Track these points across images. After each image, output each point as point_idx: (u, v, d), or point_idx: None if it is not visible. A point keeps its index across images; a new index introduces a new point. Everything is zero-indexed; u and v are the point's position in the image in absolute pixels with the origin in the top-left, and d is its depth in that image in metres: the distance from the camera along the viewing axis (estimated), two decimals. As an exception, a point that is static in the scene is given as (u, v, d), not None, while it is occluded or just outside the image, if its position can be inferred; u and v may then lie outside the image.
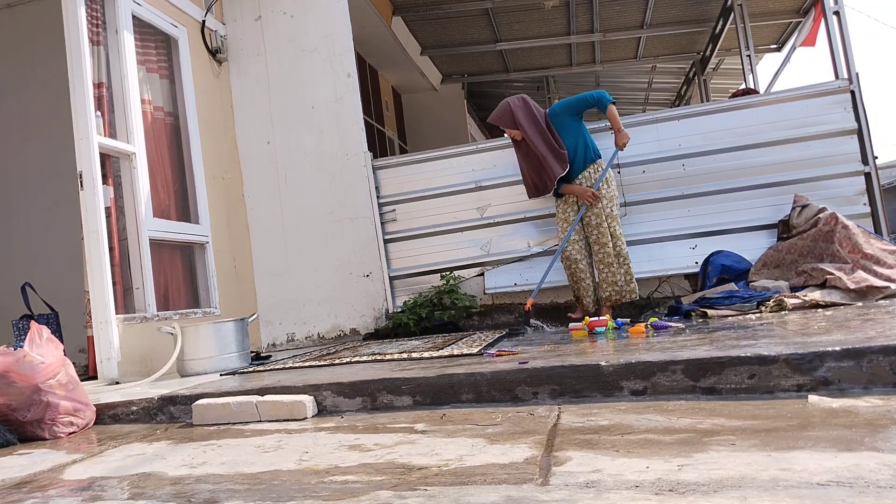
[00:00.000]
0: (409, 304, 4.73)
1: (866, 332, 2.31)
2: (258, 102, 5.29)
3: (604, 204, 4.07)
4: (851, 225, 3.89)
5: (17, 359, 2.49)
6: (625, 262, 4.09)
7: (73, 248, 4.62)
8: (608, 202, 4.08)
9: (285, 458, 1.85)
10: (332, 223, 5.08)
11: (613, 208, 4.10)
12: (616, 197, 4.16)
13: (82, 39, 3.77)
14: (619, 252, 4.08)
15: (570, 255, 4.15)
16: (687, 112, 4.67)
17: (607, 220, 4.07)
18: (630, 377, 2.19)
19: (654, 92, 11.07)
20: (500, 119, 4.20)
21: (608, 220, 4.07)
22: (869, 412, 1.70)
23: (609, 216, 4.08)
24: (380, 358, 3.13)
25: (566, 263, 4.18)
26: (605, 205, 4.07)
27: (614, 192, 4.15)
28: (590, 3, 7.28)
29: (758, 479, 1.28)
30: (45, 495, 1.71)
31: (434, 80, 9.39)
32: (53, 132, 5.35)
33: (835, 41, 4.61)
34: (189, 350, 3.57)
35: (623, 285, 4.09)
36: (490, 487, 1.41)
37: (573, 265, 4.15)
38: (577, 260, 4.14)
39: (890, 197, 12.88)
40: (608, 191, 4.11)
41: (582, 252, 4.15)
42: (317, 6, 5.23)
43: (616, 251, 4.07)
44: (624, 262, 4.09)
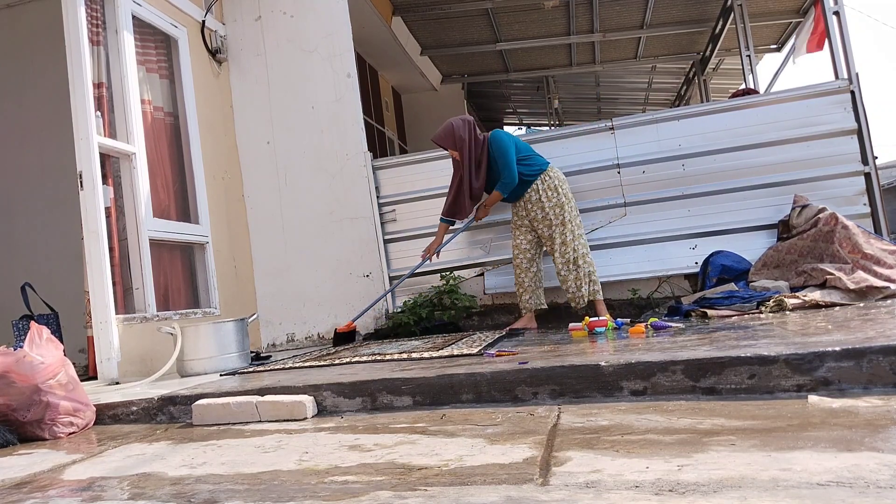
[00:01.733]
0: (409, 305, 4.73)
1: (866, 332, 2.31)
2: (258, 102, 5.29)
3: (555, 213, 4.08)
4: (851, 225, 3.89)
5: (17, 359, 2.49)
6: (574, 269, 4.09)
7: (73, 248, 4.62)
8: (558, 210, 4.08)
9: (285, 459, 1.85)
10: (332, 223, 5.08)
11: (564, 215, 4.08)
12: (565, 202, 4.10)
13: (82, 39, 3.77)
14: (568, 260, 4.08)
15: (518, 263, 4.26)
16: (687, 112, 4.67)
17: (556, 230, 4.08)
18: (630, 377, 2.19)
19: (654, 92, 11.07)
20: (443, 140, 4.23)
21: (557, 229, 4.08)
22: (869, 412, 1.70)
23: (559, 224, 4.08)
24: (380, 358, 3.13)
25: (515, 272, 4.30)
26: (556, 213, 4.08)
27: (562, 198, 4.10)
28: (590, 3, 7.28)
29: (758, 479, 1.28)
30: (46, 495, 1.71)
31: (434, 80, 9.39)
32: (53, 132, 5.35)
33: (835, 41, 4.61)
34: (189, 350, 3.57)
35: (575, 291, 4.10)
36: (490, 487, 1.41)
37: (519, 274, 4.26)
38: (524, 268, 4.23)
39: (890, 197, 12.89)
40: (557, 198, 4.09)
41: (525, 256, 4.22)
42: (317, 6, 5.23)
43: (564, 260, 4.08)
44: (574, 269, 4.09)
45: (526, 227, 4.22)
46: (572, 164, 4.65)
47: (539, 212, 4.12)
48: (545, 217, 4.10)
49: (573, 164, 4.66)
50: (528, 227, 4.21)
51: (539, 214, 4.12)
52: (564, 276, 4.12)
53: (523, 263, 4.23)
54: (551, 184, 4.13)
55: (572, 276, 4.10)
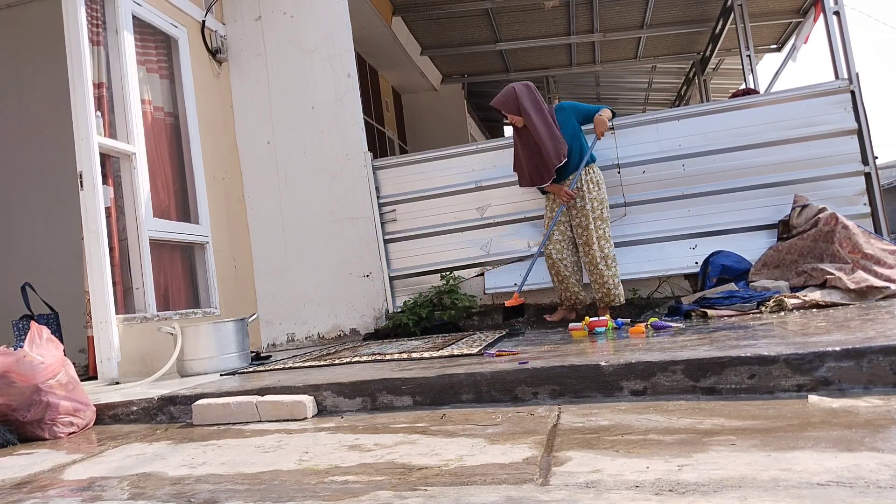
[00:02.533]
0: (409, 305, 4.73)
1: (866, 332, 2.31)
2: (258, 102, 5.29)
3: (593, 206, 4.04)
4: (851, 225, 3.89)
5: (17, 359, 2.49)
6: (612, 265, 4.06)
7: (73, 248, 4.62)
8: (598, 204, 4.06)
9: (285, 459, 1.85)
10: (332, 223, 5.08)
11: (603, 211, 4.08)
12: (605, 200, 4.12)
13: (82, 39, 3.77)
14: (606, 255, 4.05)
15: (550, 254, 4.13)
16: (687, 112, 4.67)
17: (594, 223, 4.04)
18: (630, 377, 2.19)
19: (654, 92, 11.07)
20: (504, 104, 4.13)
21: (595, 223, 4.04)
22: (869, 412, 1.70)
23: (598, 218, 4.05)
24: (380, 358, 3.13)
25: (548, 263, 4.16)
26: (595, 206, 4.05)
27: (604, 195, 4.11)
28: (590, 3, 7.28)
29: (758, 479, 1.28)
30: (46, 495, 1.71)
31: (434, 80, 9.39)
32: (53, 132, 5.35)
33: (835, 41, 4.61)
34: (189, 350, 3.57)
35: (612, 287, 4.07)
36: (490, 487, 1.41)
37: (554, 265, 4.14)
38: (557, 260, 4.12)
39: (890, 197, 12.89)
40: (598, 193, 4.08)
41: (563, 252, 4.12)
42: (317, 6, 5.23)
43: (602, 254, 4.04)
44: (611, 265, 4.06)
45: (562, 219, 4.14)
46: (572, 164, 4.65)
47: (579, 200, 4.07)
48: (584, 207, 4.04)
49: (573, 164, 4.66)
50: (563, 218, 4.14)
51: (579, 202, 4.07)
52: (601, 272, 4.05)
53: (553, 254, 4.10)
54: (595, 178, 4.11)
55: (610, 272, 4.06)
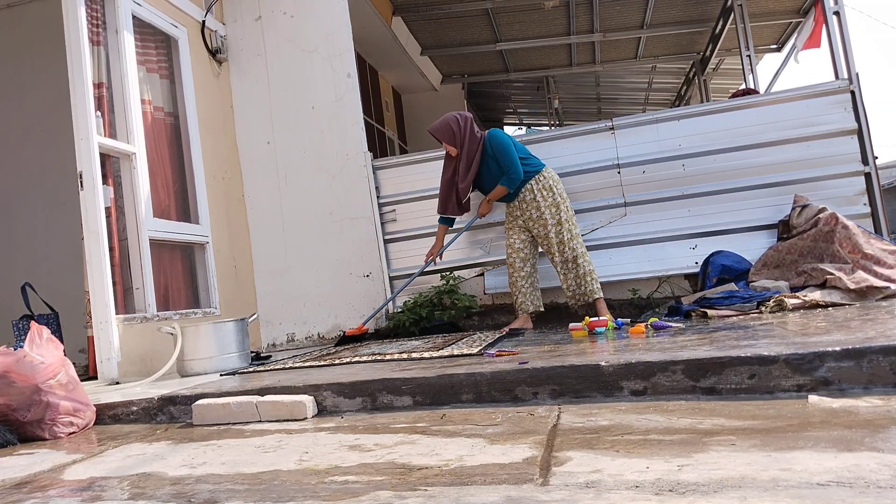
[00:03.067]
0: (409, 305, 4.73)
1: (866, 332, 2.31)
2: (258, 102, 5.29)
3: (551, 213, 4.08)
4: (851, 225, 3.89)
5: (17, 359, 2.49)
6: (574, 268, 4.09)
7: (73, 248, 4.62)
8: (555, 210, 4.08)
9: (285, 459, 1.85)
10: (332, 223, 5.08)
11: (561, 214, 4.08)
12: (562, 200, 4.11)
13: (82, 39, 3.77)
14: (566, 259, 4.08)
15: (511, 262, 4.23)
16: (687, 112, 4.67)
17: (555, 229, 4.08)
18: (630, 377, 2.19)
19: (654, 92, 11.07)
20: (441, 133, 4.18)
21: (556, 228, 4.08)
22: (869, 412, 1.70)
23: (557, 224, 4.07)
24: (380, 358, 3.13)
25: (508, 271, 4.26)
26: (553, 213, 4.08)
27: (559, 198, 4.10)
28: (590, 3, 7.28)
29: (758, 479, 1.28)
30: (46, 495, 1.71)
31: (434, 80, 9.39)
32: (53, 132, 5.35)
33: (835, 41, 4.61)
34: (189, 350, 3.57)
35: (575, 289, 4.11)
36: (490, 487, 1.41)
37: (513, 273, 4.22)
38: (517, 268, 4.20)
39: (890, 197, 12.90)
40: (553, 198, 4.09)
41: (519, 255, 4.18)
42: (317, 6, 5.23)
43: (563, 258, 4.08)
44: (573, 268, 4.09)
45: (520, 227, 4.20)
46: (572, 164, 4.66)
47: (534, 211, 4.11)
48: (540, 217, 4.09)
49: (573, 164, 4.66)
50: (522, 227, 4.20)
51: (534, 214, 4.11)
52: (564, 276, 4.12)
53: (516, 263, 4.20)
54: (546, 184, 4.12)
55: (572, 274, 4.10)
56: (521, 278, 4.21)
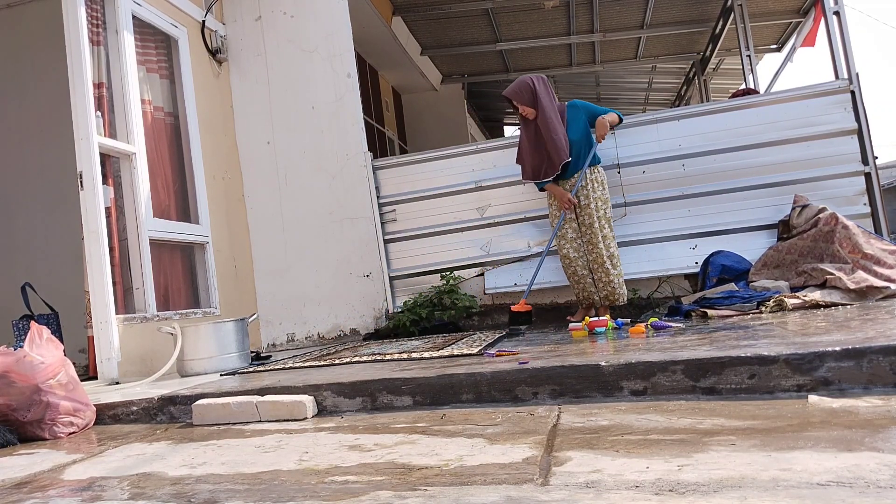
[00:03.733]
0: (409, 305, 4.73)
1: (866, 332, 2.31)
2: (258, 102, 5.29)
3: (597, 205, 4.05)
4: (851, 225, 3.89)
5: (17, 359, 2.49)
6: (617, 265, 4.08)
7: (74, 248, 4.62)
8: (602, 203, 4.07)
9: (285, 459, 1.85)
10: (332, 223, 5.08)
11: (607, 210, 4.09)
12: (609, 200, 4.12)
13: (82, 39, 3.77)
14: (612, 254, 4.06)
15: (567, 253, 4.12)
16: (687, 112, 4.67)
17: (599, 222, 4.05)
18: (630, 377, 2.19)
19: (654, 92, 11.07)
20: (519, 95, 4.09)
21: (600, 221, 4.05)
22: (869, 412, 1.70)
23: (602, 217, 4.06)
24: (380, 358, 3.13)
25: (564, 263, 4.15)
26: (600, 206, 4.06)
27: (608, 195, 4.12)
28: (590, 3, 7.28)
29: (758, 479, 1.28)
30: (46, 495, 1.71)
31: (434, 80, 9.39)
32: (53, 132, 5.35)
33: (835, 41, 4.61)
34: (189, 350, 3.57)
35: (617, 286, 4.07)
36: (490, 487, 1.41)
37: (571, 264, 4.12)
38: (574, 259, 4.10)
39: (890, 197, 12.89)
40: (602, 193, 4.08)
41: (580, 251, 4.11)
42: (317, 6, 5.23)
43: (609, 253, 4.05)
44: (617, 265, 4.07)
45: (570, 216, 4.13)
46: (572, 164, 4.65)
47: (583, 199, 4.07)
48: (588, 206, 4.05)
49: (573, 164, 4.66)
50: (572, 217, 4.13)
51: (583, 201, 4.07)
52: (608, 270, 4.04)
53: (571, 253, 4.10)
54: (600, 177, 4.11)
55: (615, 272, 4.06)
56: (582, 267, 4.10)
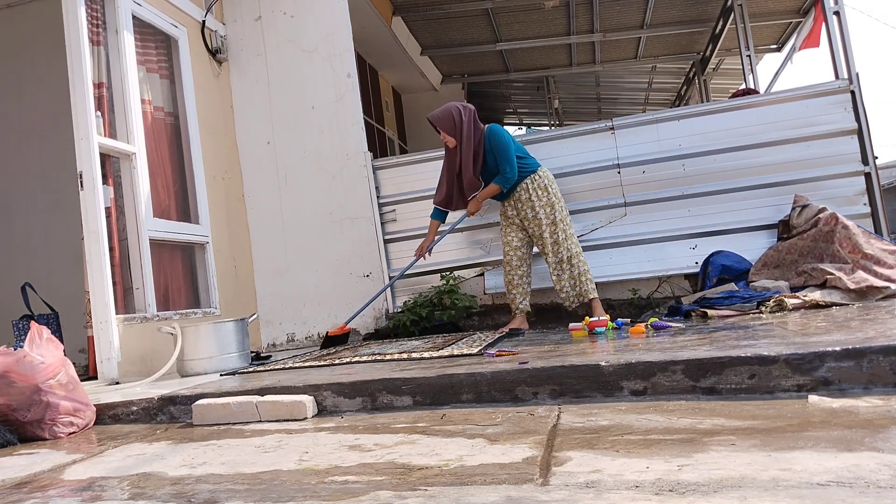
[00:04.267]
0: (409, 305, 4.73)
1: (866, 332, 2.30)
2: (258, 102, 5.29)
3: (546, 212, 4.03)
4: (851, 225, 3.89)
5: (17, 359, 2.49)
6: (566, 268, 4.03)
7: (74, 248, 4.62)
8: (549, 210, 4.02)
9: (285, 459, 1.85)
10: (333, 223, 5.08)
11: (556, 214, 4.03)
12: (558, 201, 4.06)
13: (82, 39, 3.77)
14: (561, 259, 4.02)
15: (508, 260, 4.16)
16: (687, 112, 4.67)
17: (549, 229, 4.02)
18: (630, 377, 2.19)
19: (654, 92, 11.07)
20: (441, 122, 4.08)
21: (550, 228, 4.02)
22: (869, 412, 1.70)
23: (552, 224, 4.02)
24: (380, 358, 3.13)
25: (504, 269, 4.21)
26: (548, 213, 4.03)
27: (554, 198, 4.05)
28: (590, 3, 7.28)
29: (758, 479, 1.28)
30: (46, 495, 1.71)
31: (434, 80, 9.39)
32: (53, 132, 5.36)
33: (835, 41, 4.61)
34: (189, 350, 3.57)
35: (569, 290, 4.05)
36: (490, 487, 1.41)
37: (509, 272, 4.17)
38: (514, 266, 4.15)
39: (890, 197, 12.89)
40: (548, 198, 4.04)
41: (518, 254, 4.14)
42: (317, 6, 5.23)
43: (557, 259, 4.02)
44: (567, 268, 4.03)
45: (517, 225, 4.16)
46: (572, 164, 4.66)
47: (529, 211, 4.06)
48: (535, 216, 4.04)
49: (573, 164, 4.66)
50: (519, 226, 4.16)
51: (529, 214, 4.06)
52: (558, 276, 4.06)
53: (514, 261, 4.14)
54: (541, 183, 4.06)
55: (566, 275, 4.05)
56: (518, 276, 4.16)
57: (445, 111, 4.11)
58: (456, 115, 4.07)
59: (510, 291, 4.20)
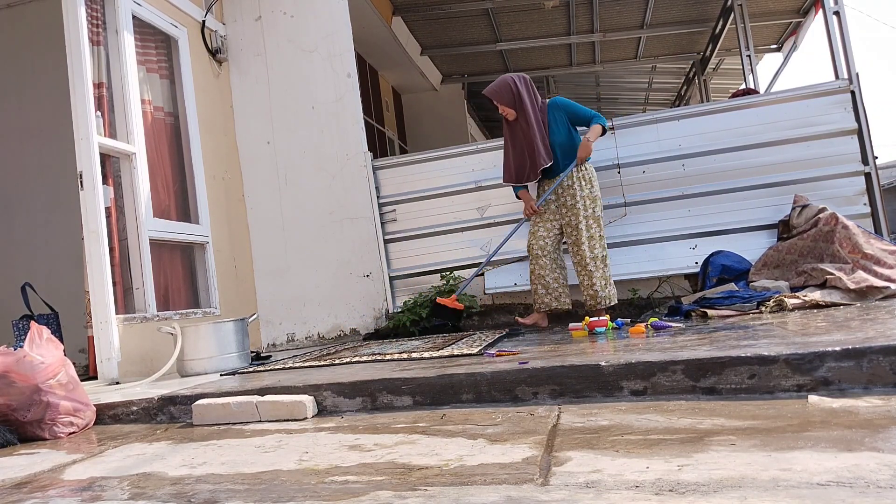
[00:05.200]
0: (409, 305, 4.73)
1: (866, 332, 2.30)
2: (258, 102, 5.29)
3: (585, 204, 3.94)
4: (851, 225, 3.89)
5: (17, 359, 2.49)
6: (601, 266, 3.95)
7: (74, 248, 4.62)
8: (590, 202, 3.94)
9: (285, 459, 1.85)
10: (332, 223, 5.08)
11: (595, 209, 3.96)
12: (599, 199, 4.00)
13: (82, 39, 3.77)
14: (596, 256, 3.92)
15: (533, 251, 4.02)
16: (687, 112, 4.67)
17: (585, 221, 3.92)
18: (630, 377, 2.19)
19: (654, 92, 11.08)
20: (499, 94, 4.00)
21: (587, 221, 3.93)
22: (869, 412, 1.70)
23: (589, 217, 3.94)
24: (380, 358, 3.13)
25: (531, 259, 4.05)
26: (588, 205, 3.94)
27: (597, 194, 3.99)
28: (590, 3, 7.28)
29: (758, 479, 1.28)
30: (46, 495, 1.71)
31: (434, 80, 9.39)
32: (53, 132, 5.36)
33: (835, 41, 4.61)
34: (189, 350, 3.57)
35: (599, 290, 3.95)
36: (490, 487, 1.41)
37: (534, 261, 4.02)
38: (537, 256, 4.00)
39: (890, 197, 12.90)
40: (591, 191, 3.97)
41: (546, 250, 4.01)
42: (317, 6, 5.23)
43: (592, 255, 3.92)
44: (600, 266, 3.94)
45: (551, 212, 4.02)
46: (572, 164, 4.66)
47: (569, 198, 3.96)
48: (574, 205, 3.93)
49: (573, 164, 4.66)
50: (553, 214, 4.02)
51: (569, 201, 3.96)
52: (590, 272, 3.92)
53: (536, 251, 3.99)
54: (588, 175, 3.99)
55: (599, 273, 3.93)
56: (542, 266, 3.99)
57: (502, 83, 4.01)
58: (514, 86, 3.98)
59: (532, 284, 4.07)
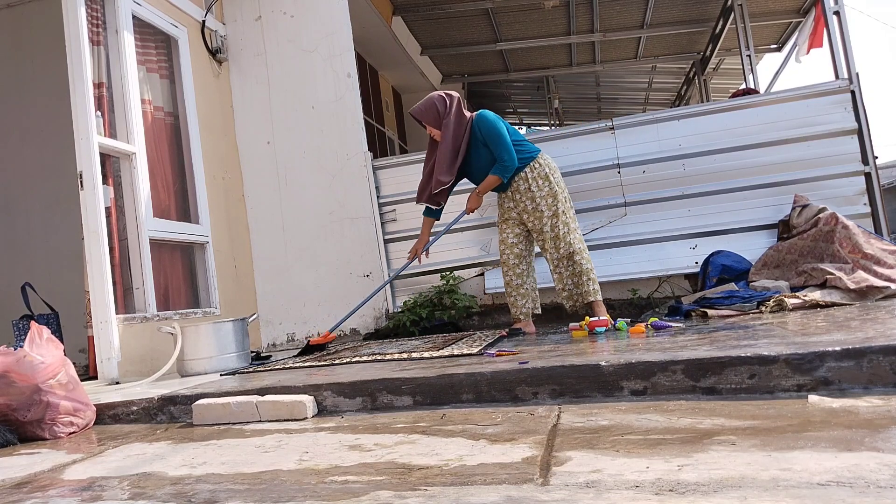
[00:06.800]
0: (409, 304, 4.73)
1: (866, 332, 2.30)
2: (258, 102, 5.29)
3: (547, 203, 3.66)
4: (851, 225, 3.89)
5: (17, 359, 2.49)
6: (569, 265, 3.70)
7: (74, 248, 4.62)
8: (551, 200, 3.67)
9: (285, 458, 1.85)
10: (333, 223, 5.08)
11: (558, 205, 3.67)
12: (560, 191, 3.70)
13: (82, 39, 3.77)
14: (562, 255, 3.68)
15: (505, 259, 3.83)
16: (687, 112, 4.67)
17: (550, 221, 3.67)
18: (630, 377, 2.19)
19: (654, 92, 11.08)
20: (425, 115, 3.75)
21: (552, 221, 3.67)
22: (869, 412, 1.70)
23: (553, 216, 3.67)
24: (380, 358, 3.13)
25: (502, 270, 3.87)
26: (550, 204, 3.66)
27: (556, 187, 3.68)
28: (590, 3, 7.28)
29: (758, 479, 1.28)
30: (46, 495, 1.71)
31: (434, 80, 9.39)
32: (53, 132, 5.36)
33: (835, 41, 4.61)
34: (189, 350, 3.57)
35: (571, 289, 3.73)
36: (490, 487, 1.41)
37: (507, 272, 3.84)
38: (511, 265, 3.82)
39: (890, 197, 12.89)
40: (549, 188, 3.67)
41: (521, 256, 3.82)
42: (317, 6, 5.23)
43: (558, 254, 3.69)
44: (568, 265, 3.70)
45: (514, 220, 3.79)
46: (572, 164, 4.66)
47: (529, 202, 3.69)
48: (536, 208, 3.68)
49: (573, 164, 4.66)
50: (517, 221, 3.79)
51: (529, 206, 3.70)
52: (559, 274, 3.72)
53: (510, 260, 3.80)
54: (542, 171, 3.69)
55: (567, 272, 3.71)
56: (517, 276, 3.81)
57: (428, 102, 3.76)
58: (440, 106, 3.73)
59: (509, 294, 3.87)
